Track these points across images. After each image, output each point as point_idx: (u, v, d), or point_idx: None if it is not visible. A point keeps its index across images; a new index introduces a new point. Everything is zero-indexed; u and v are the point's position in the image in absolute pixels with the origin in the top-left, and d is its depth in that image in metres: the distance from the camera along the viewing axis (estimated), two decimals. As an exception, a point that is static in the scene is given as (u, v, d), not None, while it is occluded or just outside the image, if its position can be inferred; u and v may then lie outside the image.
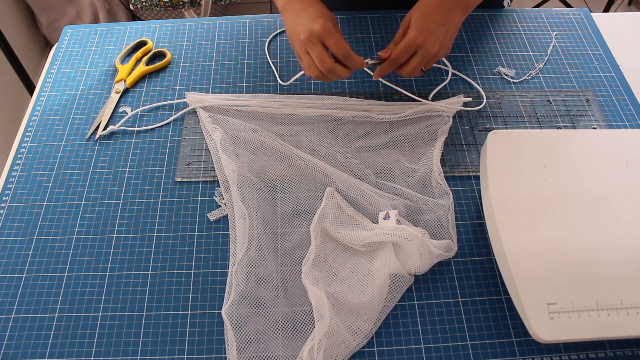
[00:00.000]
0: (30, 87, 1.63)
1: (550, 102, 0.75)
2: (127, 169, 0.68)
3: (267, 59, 0.80)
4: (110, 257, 0.61)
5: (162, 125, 0.73)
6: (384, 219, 0.60)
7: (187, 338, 0.55)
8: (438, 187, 0.65)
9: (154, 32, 0.84)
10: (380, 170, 0.67)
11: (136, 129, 0.72)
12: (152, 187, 0.66)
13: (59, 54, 0.82)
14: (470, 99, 0.73)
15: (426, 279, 0.59)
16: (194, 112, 0.73)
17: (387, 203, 0.62)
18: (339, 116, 0.72)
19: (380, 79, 0.76)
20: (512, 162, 0.59)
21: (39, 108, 0.75)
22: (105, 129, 0.72)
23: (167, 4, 1.87)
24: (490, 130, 0.63)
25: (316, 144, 0.69)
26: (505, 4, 0.89)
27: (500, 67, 0.78)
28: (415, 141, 0.70)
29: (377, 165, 0.67)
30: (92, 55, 0.82)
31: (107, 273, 0.60)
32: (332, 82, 0.76)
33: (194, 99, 0.73)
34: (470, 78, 0.77)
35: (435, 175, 0.65)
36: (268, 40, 0.82)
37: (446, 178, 0.66)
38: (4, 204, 0.65)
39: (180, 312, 0.57)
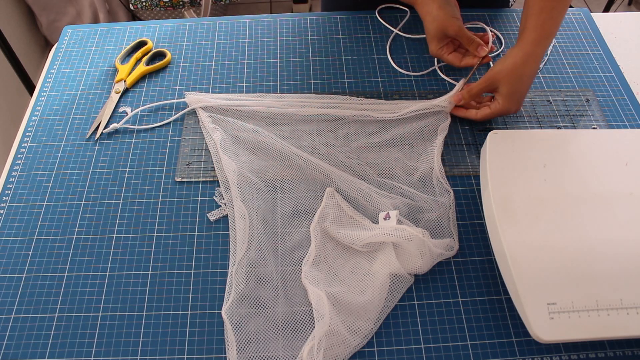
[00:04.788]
0: (30, 87, 1.63)
1: (550, 102, 0.75)
2: (127, 169, 0.68)
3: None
4: (110, 257, 0.61)
5: (162, 125, 0.73)
6: (384, 219, 0.60)
7: (187, 338, 0.55)
8: (439, 185, 0.65)
9: (154, 32, 0.84)
10: (381, 169, 0.67)
11: (136, 127, 0.72)
12: (152, 187, 0.66)
13: (59, 54, 0.82)
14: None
15: (426, 279, 0.59)
16: (194, 112, 0.73)
17: (388, 202, 0.62)
18: (339, 115, 0.72)
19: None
20: (512, 162, 0.59)
21: (39, 108, 0.75)
22: (105, 128, 0.72)
23: (167, 4, 1.87)
24: (490, 130, 0.63)
25: (317, 143, 0.69)
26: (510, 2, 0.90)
27: (500, 67, 0.78)
28: (415, 139, 0.70)
29: (378, 164, 0.67)
30: (92, 55, 0.82)
31: (107, 273, 0.60)
32: (332, 82, 0.77)
33: (193, 99, 0.73)
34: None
35: (436, 173, 0.65)
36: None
37: (446, 178, 0.66)
38: (4, 204, 0.65)
39: (180, 312, 0.57)
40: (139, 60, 0.80)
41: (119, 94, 0.76)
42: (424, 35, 0.77)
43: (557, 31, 0.66)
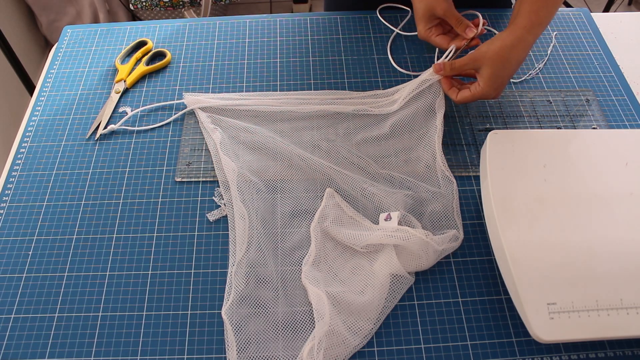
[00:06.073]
0: (30, 87, 1.63)
1: (550, 102, 0.75)
2: (127, 169, 0.68)
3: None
4: (110, 257, 0.61)
5: (162, 125, 0.73)
6: (385, 220, 0.60)
7: (187, 338, 0.55)
8: (442, 175, 0.65)
9: (154, 32, 0.84)
10: (383, 162, 0.67)
11: (136, 128, 0.72)
12: (152, 187, 0.66)
13: (59, 54, 0.82)
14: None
15: (426, 279, 0.59)
16: (194, 111, 0.73)
17: (390, 200, 0.62)
18: (338, 111, 0.72)
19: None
20: (512, 162, 0.59)
21: (39, 108, 0.75)
22: (105, 128, 0.72)
23: (167, 4, 1.87)
24: (490, 130, 0.63)
25: (317, 139, 0.69)
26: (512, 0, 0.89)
27: (500, 67, 0.78)
28: (414, 123, 0.70)
29: (380, 157, 0.68)
30: (92, 55, 0.82)
31: (107, 273, 0.60)
32: (331, 82, 0.77)
33: (192, 100, 0.73)
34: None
35: (438, 163, 0.66)
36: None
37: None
38: (4, 204, 0.65)
39: (180, 312, 0.57)
40: (139, 60, 0.80)
41: (119, 94, 0.76)
42: None
43: (549, 21, 0.64)
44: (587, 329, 0.49)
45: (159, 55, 0.81)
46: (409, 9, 0.85)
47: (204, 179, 0.67)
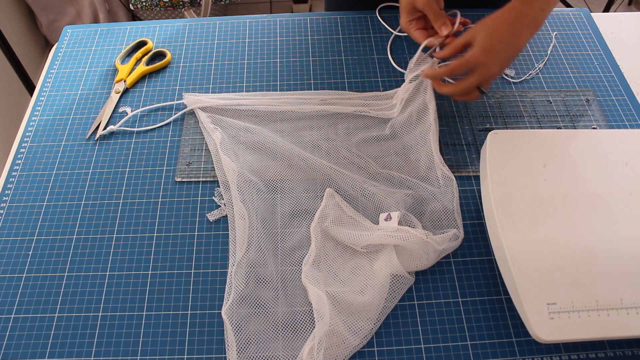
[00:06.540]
0: (30, 87, 1.63)
1: (550, 102, 0.75)
2: (127, 169, 0.68)
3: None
4: (110, 257, 0.61)
5: (162, 126, 0.73)
6: (385, 220, 0.60)
7: (187, 338, 0.56)
8: (442, 174, 0.65)
9: (154, 32, 0.84)
10: (383, 161, 0.67)
11: (136, 129, 0.72)
12: (152, 187, 0.66)
13: (59, 54, 0.82)
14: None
15: (426, 279, 0.59)
16: (194, 111, 0.73)
17: (390, 200, 0.62)
18: (338, 111, 0.72)
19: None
20: (512, 162, 0.59)
21: (39, 108, 0.75)
22: (105, 128, 0.72)
23: (167, 4, 1.87)
24: (490, 130, 0.63)
25: (317, 139, 0.69)
26: None
27: (500, 67, 0.78)
28: (413, 124, 0.70)
29: (380, 157, 0.68)
30: (92, 55, 0.82)
31: (107, 273, 0.60)
32: (331, 82, 0.77)
33: (191, 100, 0.73)
34: (470, 78, 0.77)
35: (436, 161, 0.66)
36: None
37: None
38: (4, 204, 0.65)
39: (180, 312, 0.57)
40: (139, 60, 0.80)
41: (119, 94, 0.76)
42: None
43: None
44: (587, 329, 0.49)
45: (159, 55, 0.81)
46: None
47: (204, 179, 0.67)
